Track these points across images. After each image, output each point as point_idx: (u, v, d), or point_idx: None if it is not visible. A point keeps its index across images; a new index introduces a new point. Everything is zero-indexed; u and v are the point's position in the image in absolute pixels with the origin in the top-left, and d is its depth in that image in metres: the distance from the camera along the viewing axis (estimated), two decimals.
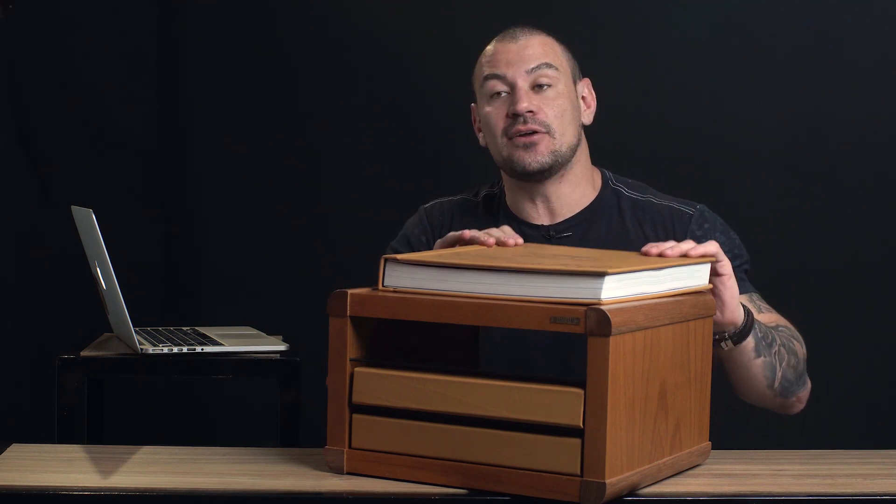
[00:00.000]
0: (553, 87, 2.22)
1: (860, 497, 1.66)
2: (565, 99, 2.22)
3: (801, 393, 2.13)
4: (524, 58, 2.22)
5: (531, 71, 2.21)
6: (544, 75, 2.21)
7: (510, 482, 1.62)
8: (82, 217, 2.42)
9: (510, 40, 2.25)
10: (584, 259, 1.77)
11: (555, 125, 2.20)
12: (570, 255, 1.84)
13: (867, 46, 3.35)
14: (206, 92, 3.52)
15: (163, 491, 1.64)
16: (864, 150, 3.36)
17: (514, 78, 2.21)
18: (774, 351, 2.05)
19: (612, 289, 1.63)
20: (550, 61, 2.23)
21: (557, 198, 2.25)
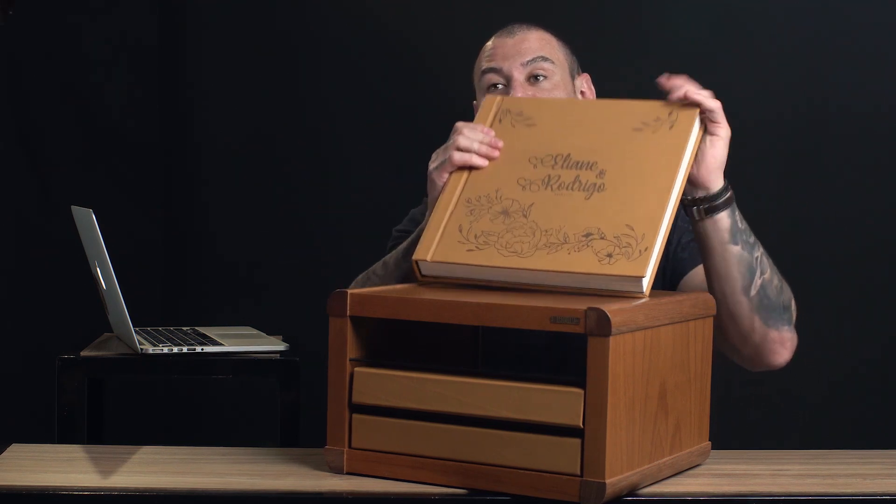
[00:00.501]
0: (549, 79, 2.23)
1: (860, 497, 1.66)
2: (561, 91, 2.23)
3: (784, 329, 2.03)
4: (520, 51, 2.24)
5: (527, 63, 2.23)
6: (540, 68, 2.23)
7: (510, 482, 1.62)
8: (82, 217, 2.42)
9: (507, 35, 2.28)
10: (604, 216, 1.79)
11: None
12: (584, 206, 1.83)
13: (866, 44, 3.35)
14: (207, 92, 3.52)
15: (163, 491, 1.64)
16: (863, 148, 3.37)
17: (510, 70, 2.23)
18: (757, 255, 1.98)
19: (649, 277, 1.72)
20: (546, 54, 2.24)
21: None
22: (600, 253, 1.74)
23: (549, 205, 1.82)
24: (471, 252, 1.81)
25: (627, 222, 1.76)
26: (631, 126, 1.87)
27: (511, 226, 1.82)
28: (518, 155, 1.89)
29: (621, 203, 1.79)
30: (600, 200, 1.80)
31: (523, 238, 1.81)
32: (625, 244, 1.74)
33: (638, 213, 1.77)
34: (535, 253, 1.78)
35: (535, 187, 1.85)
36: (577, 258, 1.75)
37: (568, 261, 1.75)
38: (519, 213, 1.83)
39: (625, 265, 1.72)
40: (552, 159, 1.87)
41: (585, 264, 1.74)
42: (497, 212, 1.84)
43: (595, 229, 1.77)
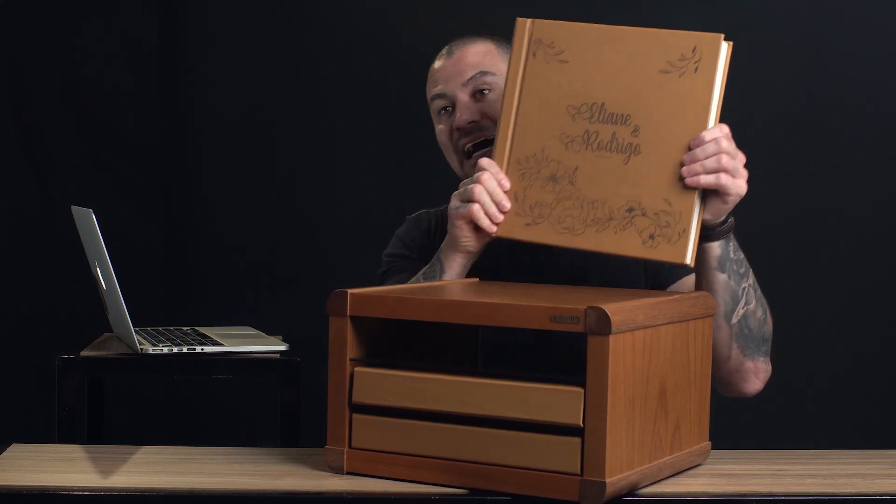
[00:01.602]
0: (493, 90, 2.20)
1: (860, 497, 1.66)
2: None
3: (759, 360, 2.06)
4: (459, 70, 2.22)
5: (467, 82, 2.21)
6: (482, 83, 2.20)
7: (510, 482, 1.62)
8: (82, 217, 2.42)
9: (446, 57, 2.26)
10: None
11: None
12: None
13: (868, 40, 3.36)
14: (207, 92, 3.52)
15: (163, 491, 1.64)
16: (865, 144, 3.37)
17: (453, 93, 2.21)
18: (744, 286, 2.02)
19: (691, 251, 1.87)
20: (486, 68, 2.21)
21: None
22: (643, 233, 1.87)
23: (592, 169, 1.93)
24: (529, 227, 1.95)
25: (665, 196, 1.87)
26: (658, 68, 1.92)
27: (560, 195, 1.94)
28: (556, 101, 1.97)
29: (657, 171, 1.89)
30: (637, 165, 1.90)
31: (573, 212, 1.93)
32: (664, 223, 1.86)
33: (673, 184, 1.87)
34: (586, 231, 1.91)
35: (576, 146, 1.94)
36: (622, 238, 1.89)
37: (615, 241, 1.89)
38: (566, 178, 1.94)
39: (667, 250, 1.86)
40: (588, 109, 1.94)
41: (630, 246, 1.88)
42: (546, 177, 1.95)
43: (636, 203, 1.88)
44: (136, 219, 3.50)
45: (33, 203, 3.51)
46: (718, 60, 1.89)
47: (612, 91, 1.93)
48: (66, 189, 3.44)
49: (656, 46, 1.93)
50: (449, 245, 2.04)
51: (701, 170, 1.86)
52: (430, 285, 1.91)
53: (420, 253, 2.27)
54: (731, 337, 2.03)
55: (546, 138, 1.96)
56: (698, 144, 1.87)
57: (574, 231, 1.91)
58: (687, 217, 1.86)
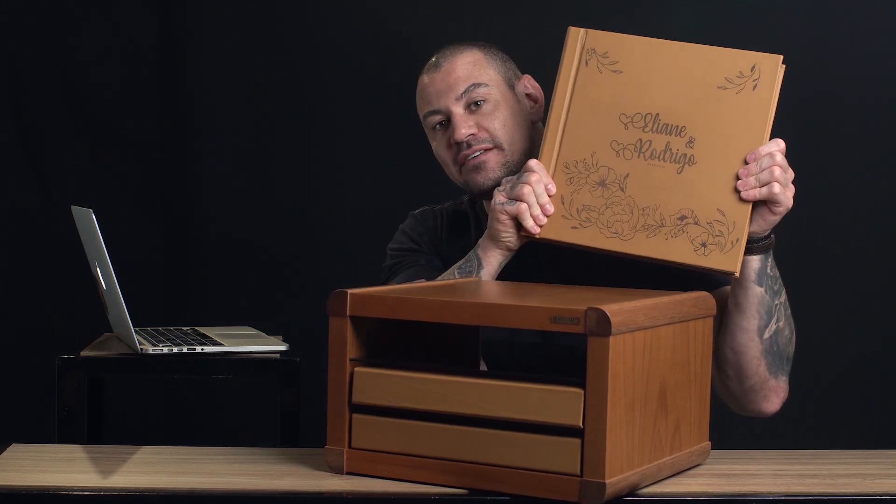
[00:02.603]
0: (487, 101, 2.18)
1: (860, 497, 1.66)
2: (503, 108, 2.19)
3: (781, 379, 2.09)
4: (450, 84, 2.19)
5: (461, 96, 2.18)
6: (476, 95, 2.18)
7: (510, 482, 1.62)
8: (82, 217, 2.42)
9: (434, 70, 2.23)
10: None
11: (500, 137, 2.17)
12: None
13: (870, 38, 3.36)
14: (207, 91, 3.52)
15: (163, 491, 1.64)
16: (867, 143, 3.37)
17: (447, 107, 2.19)
18: (777, 302, 2.04)
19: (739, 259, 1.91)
20: (477, 79, 2.19)
21: None
22: (695, 241, 1.88)
23: (644, 177, 1.94)
24: (575, 230, 1.95)
25: (718, 206, 1.89)
26: (715, 83, 1.95)
27: (610, 200, 1.94)
28: (608, 109, 1.98)
29: (711, 181, 1.91)
30: (692, 175, 1.91)
31: (622, 217, 1.93)
32: (717, 232, 1.88)
33: (727, 195, 1.89)
34: (636, 236, 1.91)
35: (627, 153, 1.95)
36: (674, 245, 1.89)
37: (666, 248, 1.90)
38: (616, 185, 1.94)
39: (718, 258, 1.87)
40: (642, 119, 1.96)
41: (682, 253, 1.89)
42: (595, 182, 1.96)
43: (689, 211, 1.89)
44: (136, 219, 3.50)
45: (33, 203, 3.51)
46: (776, 80, 1.95)
47: (667, 103, 1.96)
48: (66, 189, 3.44)
49: (714, 62, 1.95)
50: (489, 240, 2.05)
51: (756, 183, 1.91)
52: (429, 285, 1.91)
53: (429, 247, 2.27)
54: (762, 353, 2.05)
55: (596, 144, 1.98)
56: (755, 158, 1.92)
57: (622, 236, 1.93)
58: (740, 227, 1.89)
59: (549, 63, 2.60)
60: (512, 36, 3.38)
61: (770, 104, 1.94)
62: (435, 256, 2.26)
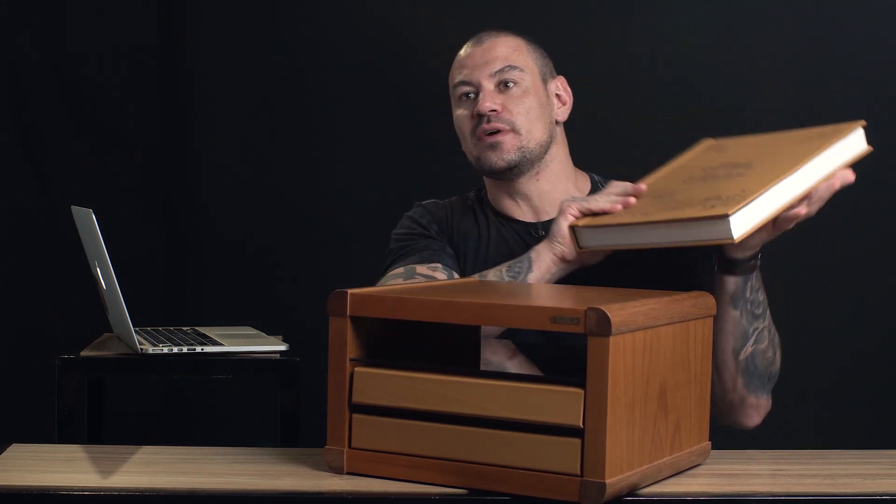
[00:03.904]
0: (518, 84, 2.23)
1: (860, 497, 1.66)
2: (531, 97, 2.23)
3: (762, 397, 2.11)
4: (488, 60, 2.25)
5: (495, 73, 2.24)
6: (509, 76, 2.23)
7: (510, 482, 1.62)
8: (82, 217, 2.42)
9: (476, 44, 2.28)
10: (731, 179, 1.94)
11: (520, 122, 2.22)
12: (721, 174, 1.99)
13: (869, 39, 3.36)
14: (207, 91, 3.52)
15: (163, 491, 1.64)
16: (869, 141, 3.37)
17: (479, 80, 2.24)
18: (757, 326, 2.05)
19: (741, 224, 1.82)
20: (514, 63, 2.24)
21: (539, 196, 2.26)
22: (706, 204, 1.88)
23: (693, 187, 1.97)
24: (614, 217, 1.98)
25: (744, 187, 1.88)
26: (795, 140, 2.00)
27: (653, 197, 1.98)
28: (697, 165, 2.05)
29: (747, 178, 1.92)
30: (734, 177, 1.94)
31: (659, 203, 1.96)
32: (730, 198, 1.86)
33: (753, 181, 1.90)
34: (660, 212, 1.92)
35: (692, 180, 2.00)
36: (686, 210, 1.89)
37: (679, 212, 1.89)
38: (667, 195, 1.98)
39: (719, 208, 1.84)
40: (718, 165, 2.01)
41: (689, 212, 1.88)
42: (651, 195, 2.00)
43: (716, 195, 1.89)
44: (136, 219, 3.50)
45: (33, 203, 3.51)
46: (849, 137, 1.97)
47: (745, 157, 2.00)
48: (66, 189, 3.44)
49: (801, 133, 2.03)
50: (548, 244, 2.06)
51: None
52: (429, 285, 1.91)
53: (438, 236, 2.28)
54: (737, 371, 2.06)
55: (672, 181, 2.03)
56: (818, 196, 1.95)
57: (647, 213, 1.94)
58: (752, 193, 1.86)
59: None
60: None
61: (834, 142, 1.95)
62: (446, 244, 2.27)
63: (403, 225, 2.33)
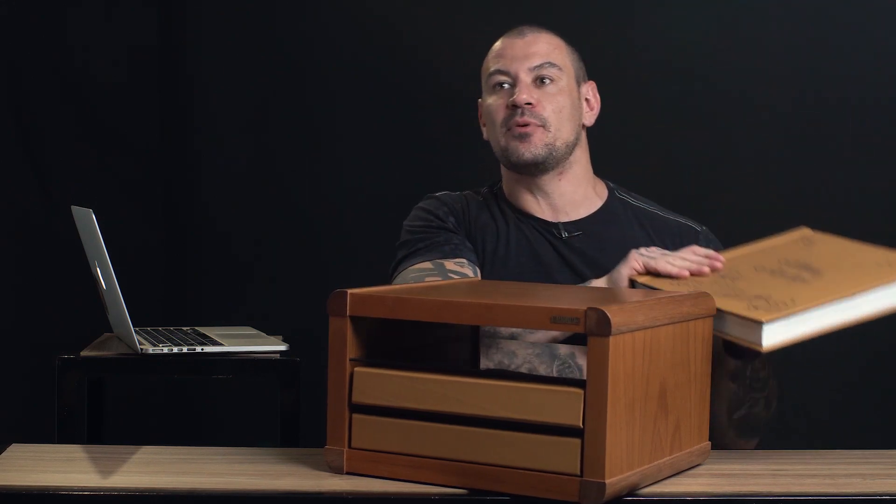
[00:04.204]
0: (555, 83, 2.26)
1: (860, 497, 1.66)
2: (565, 96, 2.25)
3: (753, 441, 2.11)
4: (528, 55, 2.26)
5: (534, 68, 2.26)
6: (547, 73, 2.26)
7: (510, 482, 1.62)
8: (82, 217, 2.42)
9: (517, 36, 2.30)
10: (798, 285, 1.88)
11: (551, 119, 2.23)
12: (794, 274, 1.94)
13: (872, 36, 3.36)
14: (207, 91, 3.52)
15: (163, 491, 1.64)
16: (870, 141, 3.37)
17: (516, 72, 2.25)
18: (753, 396, 2.04)
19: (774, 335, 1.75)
20: (554, 60, 2.27)
21: (559, 195, 2.27)
22: (753, 302, 1.81)
23: (757, 279, 1.92)
24: (671, 283, 1.93)
25: (795, 296, 1.82)
26: (876, 261, 1.95)
27: (715, 279, 1.92)
28: (775, 253, 2.01)
29: (807, 286, 1.86)
30: (796, 281, 1.88)
31: (716, 283, 1.90)
32: (776, 303, 1.80)
33: (809, 292, 1.83)
34: (709, 288, 1.85)
35: (761, 270, 1.95)
36: (732, 303, 1.82)
37: (725, 302, 1.82)
38: (729, 277, 1.93)
39: (760, 313, 1.77)
40: (796, 265, 1.96)
41: (732, 306, 1.81)
42: (717, 275, 1.95)
43: (767, 296, 1.83)
44: (136, 219, 3.50)
45: (33, 203, 3.51)
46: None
47: (824, 261, 1.97)
48: (66, 189, 3.44)
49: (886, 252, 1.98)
50: (621, 272, 2.04)
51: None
52: (429, 285, 1.90)
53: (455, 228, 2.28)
54: (729, 427, 2.07)
55: (744, 264, 1.99)
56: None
57: (699, 284, 1.89)
58: (797, 306, 1.80)
59: None
60: None
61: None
62: (465, 238, 2.27)
63: (418, 216, 2.32)
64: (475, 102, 2.35)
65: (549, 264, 2.24)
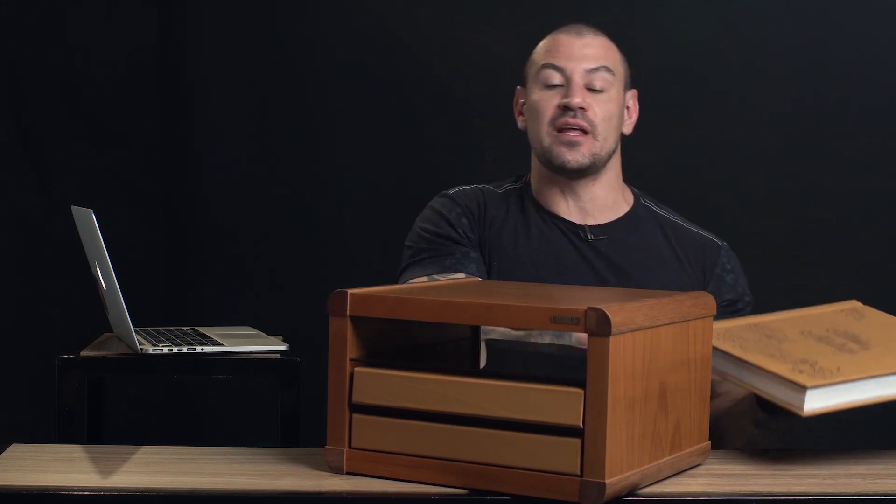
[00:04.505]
0: (607, 91, 2.25)
1: (860, 497, 1.66)
2: (615, 104, 2.25)
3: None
4: (586, 56, 2.25)
5: (590, 71, 2.25)
6: (601, 78, 2.25)
7: (510, 482, 1.62)
8: (82, 217, 2.42)
9: (575, 35, 2.28)
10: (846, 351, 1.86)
11: (600, 127, 2.23)
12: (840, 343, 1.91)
13: (869, 41, 3.36)
14: (207, 91, 3.52)
15: (163, 491, 1.64)
16: (871, 140, 3.37)
17: (572, 72, 2.24)
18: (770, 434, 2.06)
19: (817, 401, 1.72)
20: (609, 65, 2.26)
21: (590, 199, 2.27)
22: (798, 366, 1.79)
23: (806, 342, 1.88)
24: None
25: (841, 365, 1.79)
26: None
27: (758, 337, 1.89)
28: (824, 321, 1.97)
29: (853, 358, 1.83)
30: (843, 352, 1.86)
31: (763, 343, 1.87)
32: (821, 370, 1.77)
33: (855, 364, 1.80)
34: (755, 353, 1.83)
35: (809, 335, 1.91)
36: (777, 364, 1.79)
37: (769, 362, 1.80)
38: (775, 338, 1.89)
39: (801, 378, 1.74)
40: (844, 335, 1.93)
41: (777, 367, 1.78)
42: (763, 333, 1.91)
43: (813, 361, 1.80)
44: (136, 219, 3.50)
45: (33, 203, 3.51)
46: None
47: (873, 335, 1.94)
48: (66, 189, 3.44)
49: None
50: None
51: None
52: (429, 285, 1.90)
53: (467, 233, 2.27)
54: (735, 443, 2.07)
55: (791, 326, 1.96)
56: None
57: (744, 348, 1.85)
58: (842, 376, 1.78)
59: None
60: (512, 36, 3.38)
61: None
62: (472, 249, 2.26)
63: (429, 219, 2.31)
64: (475, 102, 2.35)
65: (571, 267, 2.23)
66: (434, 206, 2.32)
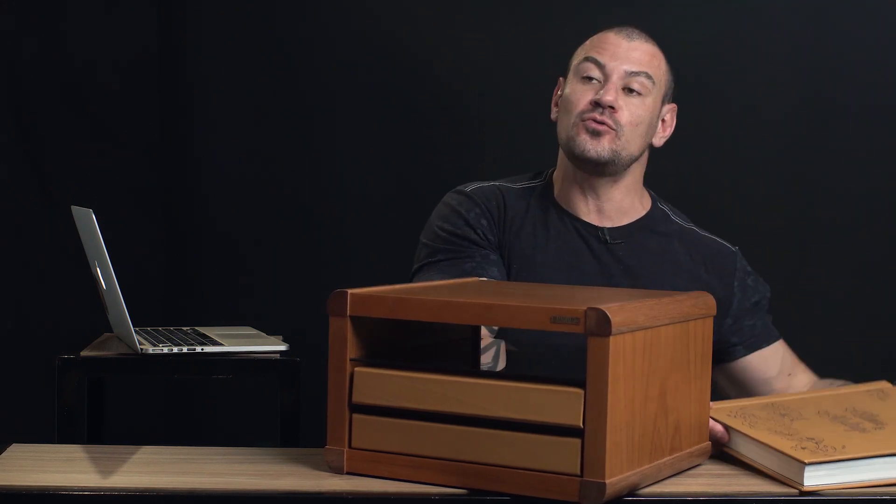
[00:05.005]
0: (642, 96, 2.24)
1: (860, 497, 1.66)
2: (647, 112, 2.24)
3: None
4: (629, 58, 2.25)
5: (630, 74, 2.24)
6: (639, 82, 2.24)
7: (510, 482, 1.62)
8: (82, 217, 2.42)
9: (624, 37, 2.28)
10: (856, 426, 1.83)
11: (626, 129, 2.22)
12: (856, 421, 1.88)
13: (870, 42, 3.36)
14: (207, 91, 3.52)
15: (163, 491, 1.64)
16: (872, 140, 3.37)
17: (611, 71, 2.24)
18: None
19: (816, 477, 1.69)
20: (651, 72, 2.25)
21: (608, 199, 2.27)
22: (803, 442, 1.75)
23: (819, 421, 1.85)
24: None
25: (848, 444, 1.76)
26: None
27: (770, 415, 1.86)
28: (845, 402, 1.94)
29: (864, 437, 1.80)
30: (855, 431, 1.82)
31: (773, 420, 1.84)
32: (825, 447, 1.74)
33: (864, 443, 1.77)
34: (762, 430, 1.80)
35: (824, 415, 1.88)
36: (782, 440, 1.76)
37: (772, 438, 1.76)
38: (788, 417, 1.86)
39: (801, 454, 1.71)
40: (862, 415, 1.90)
41: (778, 443, 1.75)
42: (777, 412, 1.88)
43: (819, 439, 1.77)
44: (136, 219, 3.50)
45: (33, 203, 3.51)
46: None
47: (890, 416, 1.91)
48: (66, 189, 3.44)
49: None
50: None
51: None
52: (429, 285, 1.91)
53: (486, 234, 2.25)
54: None
55: (809, 406, 1.93)
56: None
57: (753, 424, 1.82)
58: (847, 454, 1.74)
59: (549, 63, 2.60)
60: (511, 36, 3.38)
61: None
62: (492, 251, 2.25)
63: (447, 218, 2.29)
64: (475, 102, 2.35)
65: (586, 269, 2.23)
66: (451, 203, 2.30)
